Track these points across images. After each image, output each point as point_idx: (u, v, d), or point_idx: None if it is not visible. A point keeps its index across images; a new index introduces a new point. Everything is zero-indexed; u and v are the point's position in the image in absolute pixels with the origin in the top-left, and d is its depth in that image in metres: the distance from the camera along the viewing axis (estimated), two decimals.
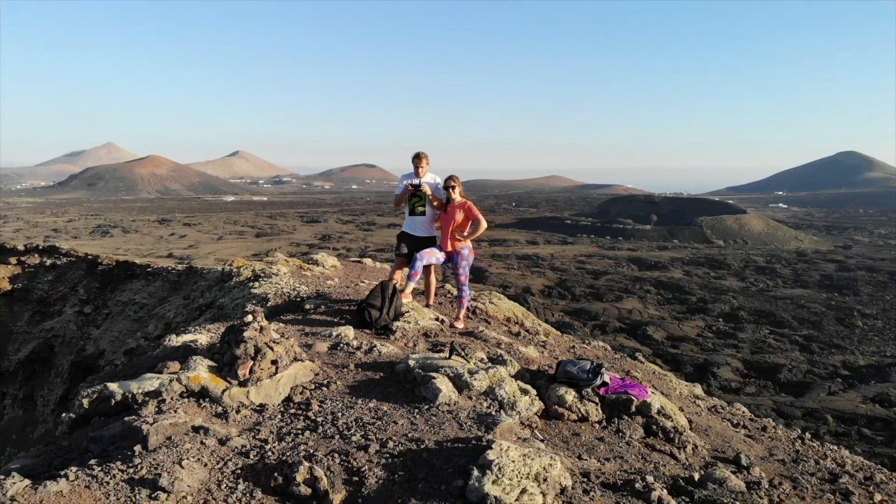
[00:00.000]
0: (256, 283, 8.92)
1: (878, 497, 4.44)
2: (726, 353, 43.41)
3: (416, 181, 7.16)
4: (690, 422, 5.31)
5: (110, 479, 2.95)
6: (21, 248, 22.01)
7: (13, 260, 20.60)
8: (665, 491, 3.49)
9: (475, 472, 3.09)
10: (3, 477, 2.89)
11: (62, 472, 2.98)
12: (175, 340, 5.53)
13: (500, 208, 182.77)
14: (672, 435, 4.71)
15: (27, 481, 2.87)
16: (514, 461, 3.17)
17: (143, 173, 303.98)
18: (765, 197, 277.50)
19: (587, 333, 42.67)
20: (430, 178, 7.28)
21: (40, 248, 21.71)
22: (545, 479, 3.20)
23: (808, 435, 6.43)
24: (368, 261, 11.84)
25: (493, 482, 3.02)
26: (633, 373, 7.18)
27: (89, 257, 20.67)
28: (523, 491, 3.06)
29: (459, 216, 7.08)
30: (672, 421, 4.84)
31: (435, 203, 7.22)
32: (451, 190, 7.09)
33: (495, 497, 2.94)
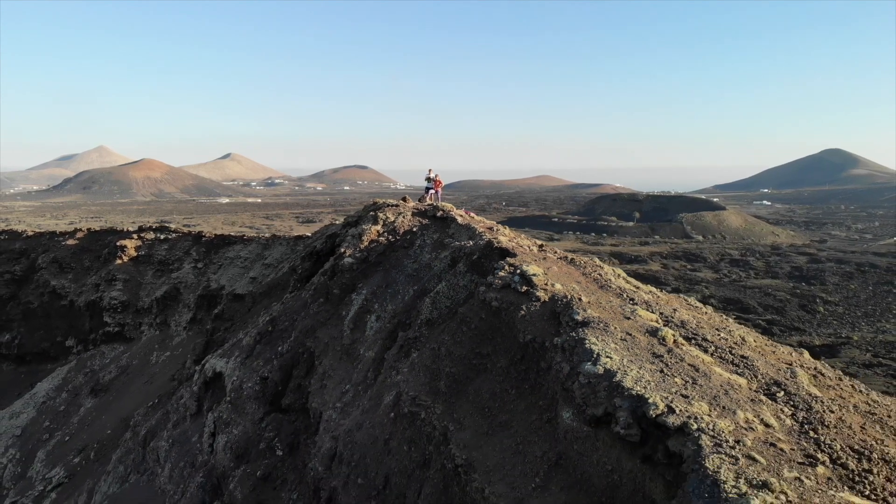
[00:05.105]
0: (386, 205, 22.78)
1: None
2: None
3: (430, 176, 27.11)
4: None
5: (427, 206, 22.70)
6: (132, 228, 29.00)
7: (134, 236, 27.55)
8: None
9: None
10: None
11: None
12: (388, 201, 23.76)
13: (490, 208, 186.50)
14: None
15: None
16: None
17: (137, 176, 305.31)
18: (750, 195, 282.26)
19: None
20: (433, 174, 27.02)
21: (153, 227, 28.72)
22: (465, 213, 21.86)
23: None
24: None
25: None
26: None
27: (193, 232, 27.76)
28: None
29: (438, 184, 27.10)
30: (478, 217, 21.61)
31: (432, 182, 27.23)
32: (437, 176, 27.04)
33: (442, 209, 20.86)
